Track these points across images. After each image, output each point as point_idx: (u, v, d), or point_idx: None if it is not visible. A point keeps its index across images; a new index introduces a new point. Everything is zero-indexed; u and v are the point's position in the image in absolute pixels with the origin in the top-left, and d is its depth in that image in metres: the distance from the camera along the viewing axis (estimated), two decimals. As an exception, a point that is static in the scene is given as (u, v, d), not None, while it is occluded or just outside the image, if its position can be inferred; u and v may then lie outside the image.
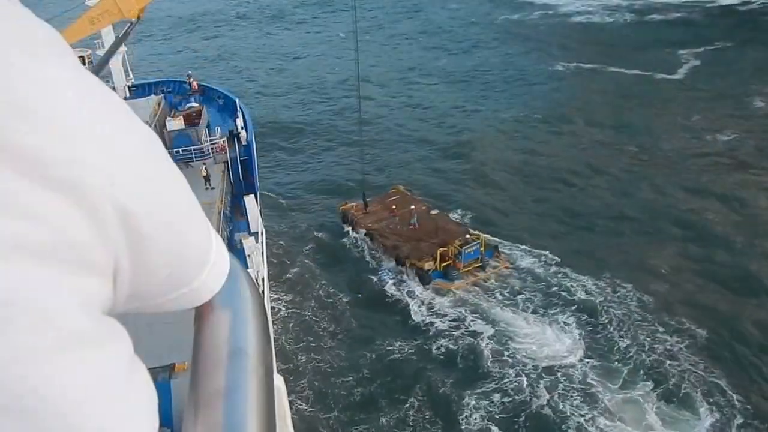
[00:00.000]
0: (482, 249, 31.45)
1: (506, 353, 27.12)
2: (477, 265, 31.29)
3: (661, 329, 27.92)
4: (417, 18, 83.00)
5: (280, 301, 30.80)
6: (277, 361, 22.22)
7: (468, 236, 32.05)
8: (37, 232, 0.55)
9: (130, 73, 38.45)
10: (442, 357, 27.34)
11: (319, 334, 28.98)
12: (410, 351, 27.75)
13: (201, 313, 0.99)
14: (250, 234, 27.03)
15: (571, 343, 27.54)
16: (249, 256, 23.99)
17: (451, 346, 27.74)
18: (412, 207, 34.94)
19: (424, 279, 30.83)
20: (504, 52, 66.21)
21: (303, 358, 27.57)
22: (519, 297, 30.32)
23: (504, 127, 48.95)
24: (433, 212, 34.80)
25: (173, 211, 0.76)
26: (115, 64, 35.50)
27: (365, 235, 34.23)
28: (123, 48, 35.16)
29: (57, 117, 0.57)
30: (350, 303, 30.88)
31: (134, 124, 0.70)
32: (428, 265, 30.91)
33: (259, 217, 29.61)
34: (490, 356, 26.98)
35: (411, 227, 33.63)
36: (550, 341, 27.72)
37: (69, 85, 0.61)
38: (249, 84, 62.70)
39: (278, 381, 1.17)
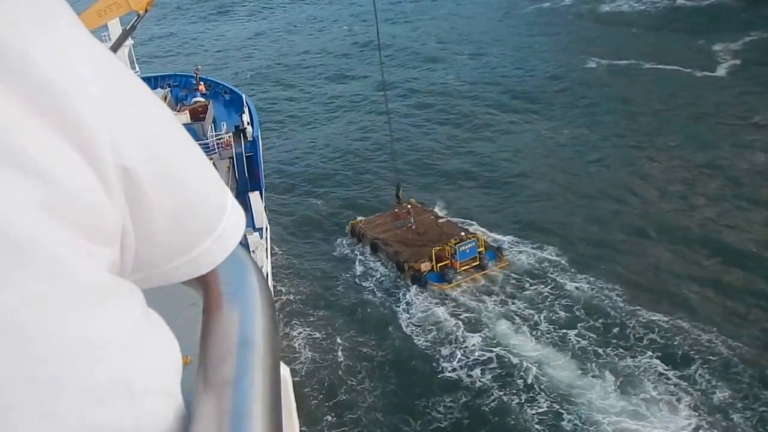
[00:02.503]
0: (481, 248, 31.02)
1: (565, 418, 22.19)
2: (475, 264, 30.96)
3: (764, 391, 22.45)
4: (439, 7, 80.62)
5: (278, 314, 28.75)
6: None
7: (463, 234, 31.73)
8: (50, 188, 0.55)
9: (136, 65, 38.31)
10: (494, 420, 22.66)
11: (318, 347, 27.11)
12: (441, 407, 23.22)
13: (209, 303, 0.99)
14: (255, 230, 27.08)
15: (646, 405, 22.21)
16: (253, 251, 24.09)
17: (503, 406, 23.00)
18: (409, 206, 34.71)
19: (419, 281, 30.30)
20: (533, 47, 62.88)
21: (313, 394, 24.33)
22: (574, 337, 25.78)
23: (532, 130, 45.46)
24: (441, 220, 34.64)
25: (175, 171, 0.74)
26: (122, 57, 35.33)
27: (370, 245, 33.42)
28: (129, 41, 35.04)
29: (60, 69, 0.58)
30: (356, 324, 28.50)
31: (130, 77, 0.70)
32: (424, 266, 30.48)
33: (264, 213, 29.54)
34: (551, 422, 22.16)
35: (410, 227, 33.46)
36: (623, 402, 22.38)
37: (69, 41, 0.62)
38: (256, 76, 62.14)
39: (284, 371, 1.17)
